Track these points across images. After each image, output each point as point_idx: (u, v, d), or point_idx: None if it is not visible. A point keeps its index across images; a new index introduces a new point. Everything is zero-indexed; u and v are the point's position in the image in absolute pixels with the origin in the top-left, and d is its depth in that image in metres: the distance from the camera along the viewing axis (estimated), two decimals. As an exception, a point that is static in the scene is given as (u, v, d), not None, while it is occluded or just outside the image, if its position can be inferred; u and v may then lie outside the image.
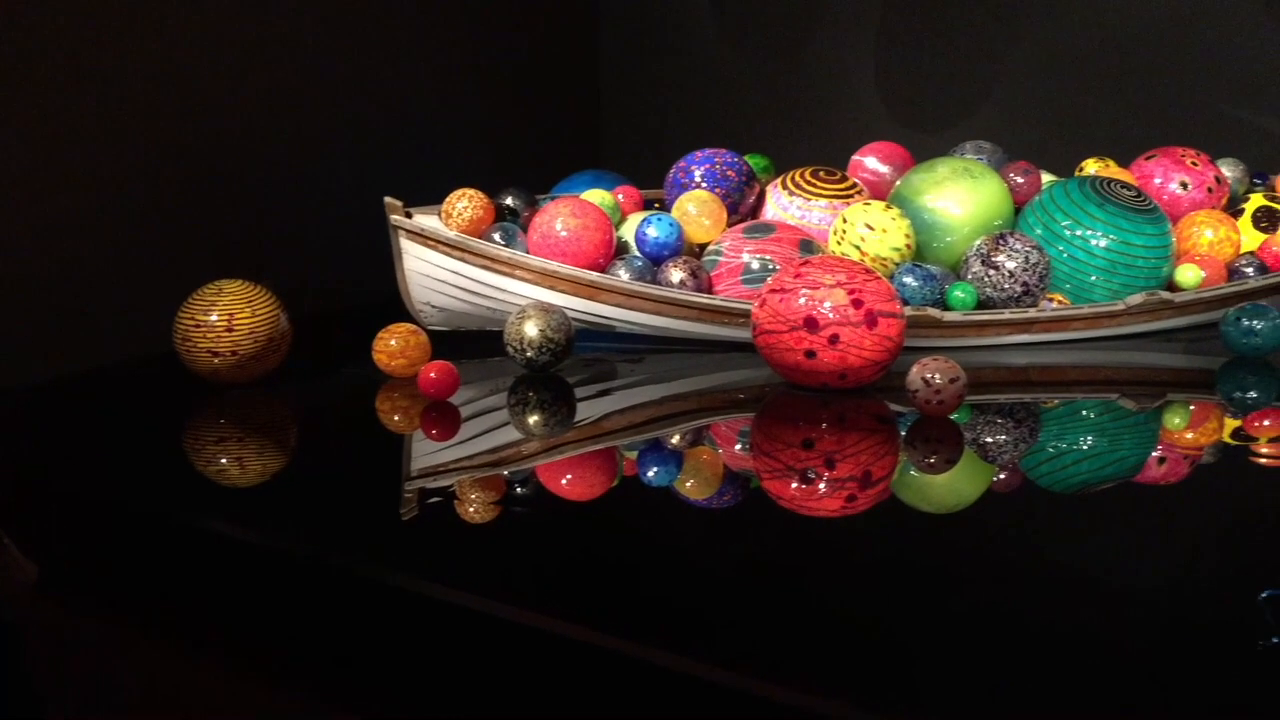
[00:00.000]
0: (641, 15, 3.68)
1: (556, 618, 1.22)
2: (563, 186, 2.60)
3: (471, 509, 1.56)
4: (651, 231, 2.27)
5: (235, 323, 2.00)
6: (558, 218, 2.23)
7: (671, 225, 2.27)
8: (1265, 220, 2.35)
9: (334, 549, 1.44)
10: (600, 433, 1.91)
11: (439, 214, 2.30)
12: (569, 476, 1.73)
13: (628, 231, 2.34)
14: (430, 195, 2.35)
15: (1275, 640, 1.16)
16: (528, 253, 2.24)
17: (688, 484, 1.69)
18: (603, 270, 2.22)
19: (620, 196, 2.43)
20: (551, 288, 2.20)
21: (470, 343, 2.31)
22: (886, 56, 3.41)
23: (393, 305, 2.33)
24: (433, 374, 1.93)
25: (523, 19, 3.26)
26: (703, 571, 1.37)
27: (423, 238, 2.25)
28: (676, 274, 2.19)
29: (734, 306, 2.15)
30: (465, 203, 2.27)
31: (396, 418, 1.99)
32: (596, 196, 2.35)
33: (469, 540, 1.46)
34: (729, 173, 2.40)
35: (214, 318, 2.00)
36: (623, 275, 2.21)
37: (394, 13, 2.82)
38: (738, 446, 1.89)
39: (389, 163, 2.75)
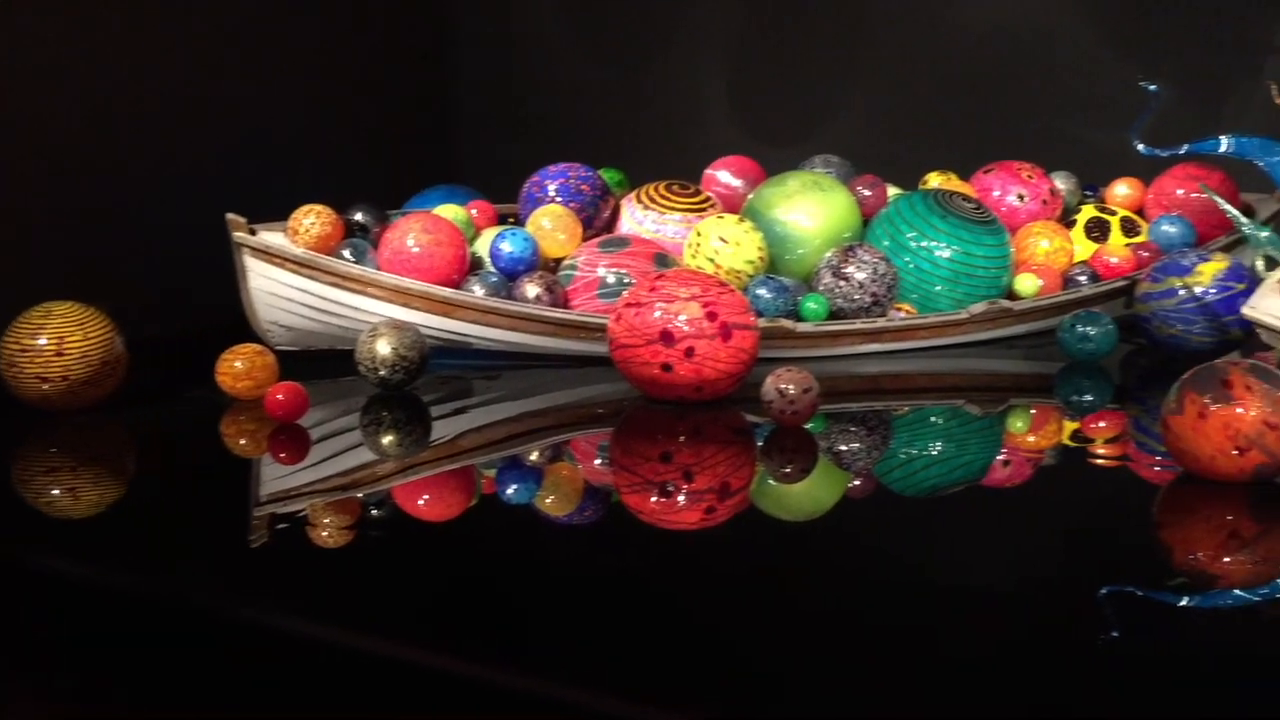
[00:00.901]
0: (495, 30, 3.65)
1: (418, 647, 1.19)
2: (415, 202, 2.55)
3: (325, 534, 1.51)
4: (506, 247, 2.24)
5: (66, 346, 1.90)
6: (410, 233, 2.18)
7: (526, 240, 2.25)
8: (1097, 230, 2.45)
9: (177, 581, 1.37)
10: (457, 451, 1.88)
11: (285, 230, 2.23)
12: (426, 497, 1.70)
13: (482, 247, 2.31)
14: (275, 211, 2.27)
15: (1115, 635, 1.21)
16: (379, 269, 2.19)
17: (548, 500, 1.67)
18: (457, 286, 2.19)
19: (474, 211, 2.40)
20: (404, 305, 2.15)
21: (320, 362, 2.25)
22: (739, 72, 3.46)
23: (238, 325, 2.24)
24: (280, 396, 1.86)
25: (372, 32, 3.20)
26: (564, 589, 1.35)
27: (268, 255, 2.18)
28: (532, 289, 2.17)
29: (590, 321, 2.14)
30: (312, 219, 2.21)
31: (243, 442, 1.91)
32: (450, 212, 2.32)
33: (323, 567, 1.41)
34: (583, 187, 2.39)
35: (43, 341, 1.90)
36: (478, 291, 2.17)
37: (237, 22, 2.73)
38: (597, 461, 1.88)
39: (231, 177, 2.65)
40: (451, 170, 3.28)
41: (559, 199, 2.37)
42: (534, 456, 1.87)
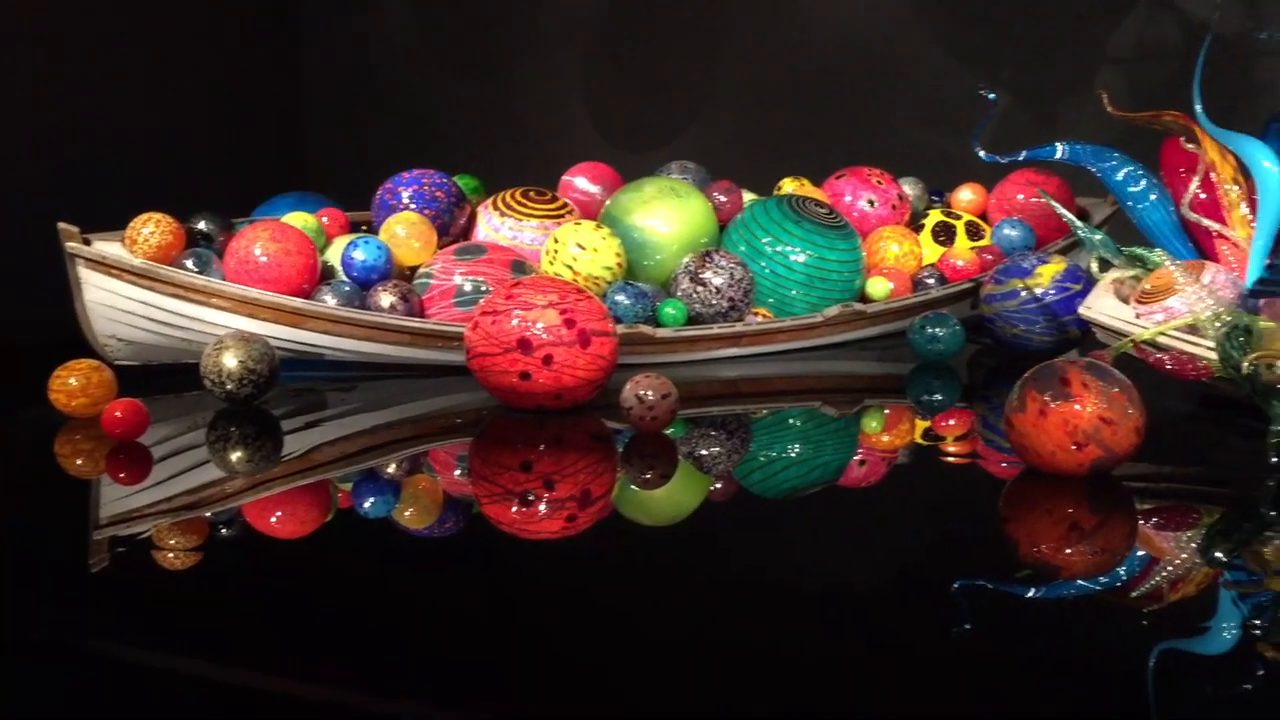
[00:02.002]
0: (347, 33, 3.57)
1: (273, 671, 1.14)
2: (264, 210, 2.48)
3: (170, 556, 1.44)
4: (359, 255, 2.19)
5: (-119, 365, 1.78)
6: (256, 242, 2.12)
7: (380, 248, 2.21)
8: (943, 234, 2.53)
9: (11, 610, 1.29)
10: (310, 466, 1.82)
11: (122, 240, 2.14)
12: (278, 514, 1.64)
13: (334, 256, 2.25)
14: (111, 220, 2.17)
15: (967, 627, 1.24)
16: (224, 280, 2.11)
17: (406, 513, 1.64)
18: (307, 296, 2.13)
19: (325, 219, 2.34)
20: (252, 316, 2.08)
21: (163, 377, 2.16)
22: (595, 79, 3.47)
23: (72, 340, 2.14)
24: (118, 413, 1.78)
25: (219, 32, 3.09)
26: (424, 603, 1.32)
27: (105, 266, 2.08)
28: (386, 298, 2.13)
29: (447, 330, 2.11)
30: (151, 228, 2.12)
31: (79, 462, 1.82)
32: (299, 220, 2.25)
33: (169, 590, 1.34)
34: (438, 194, 2.36)
35: None
36: (330, 301, 2.12)
37: (71, 18, 2.61)
38: (456, 472, 1.85)
39: (63, 184, 2.53)
40: (301, 177, 3.20)
41: (413, 206, 2.33)
42: (391, 469, 1.83)
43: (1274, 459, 1.59)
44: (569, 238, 2.22)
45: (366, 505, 1.65)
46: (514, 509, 1.61)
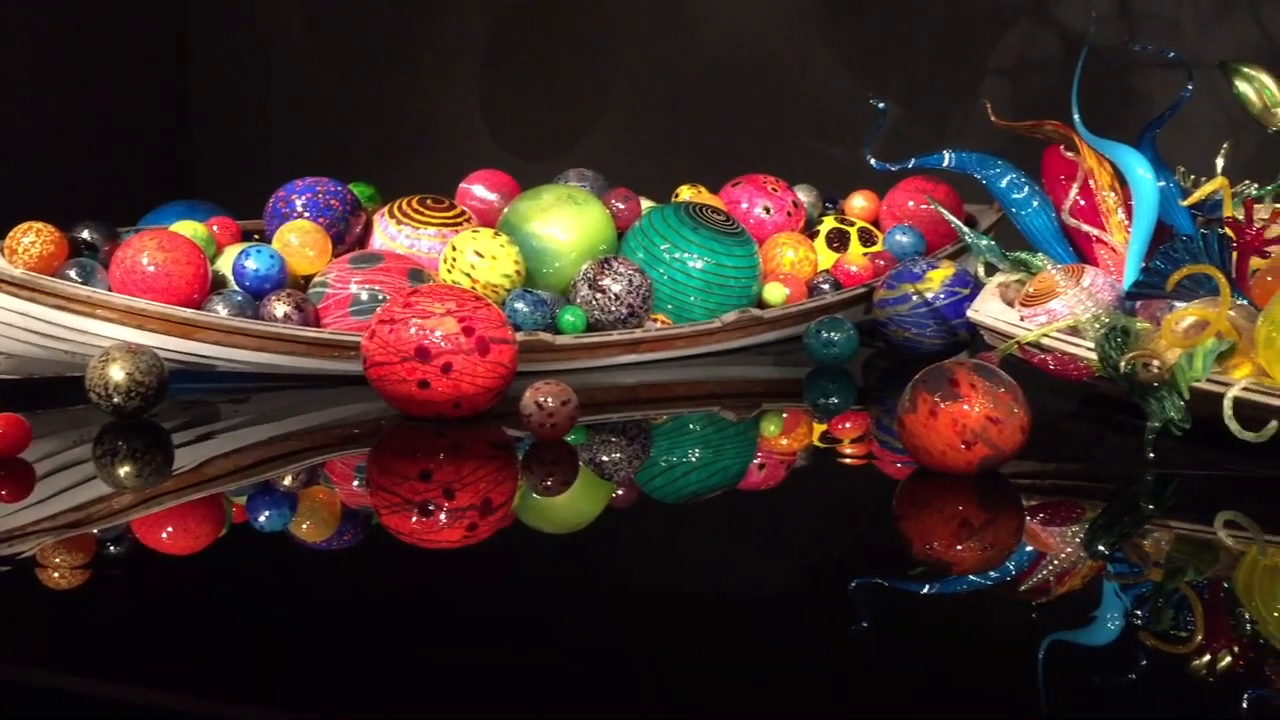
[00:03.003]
0: (238, 37, 3.51)
1: (168, 690, 1.12)
2: (151, 218, 2.42)
3: (56, 575, 1.40)
4: (251, 264, 2.15)
5: None
6: (143, 251, 2.06)
7: (272, 257, 2.17)
8: (837, 241, 2.58)
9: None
10: (203, 480, 1.78)
11: (1, 250, 2.07)
12: (169, 530, 1.60)
13: (225, 265, 2.21)
14: (-11, 229, 2.10)
15: (865, 625, 1.27)
16: (110, 290, 2.06)
17: (304, 526, 1.61)
18: (197, 306, 2.08)
19: (215, 228, 2.29)
20: (139, 327, 2.03)
21: (46, 391, 2.09)
22: (492, 86, 3.46)
23: (-51, 354, 2.06)
24: None
25: (104, 34, 3.00)
26: (320, 616, 1.30)
27: (-17, 277, 2.01)
28: (280, 308, 2.09)
29: (343, 339, 2.08)
30: (32, 237, 2.06)
31: (-44, 481, 1.75)
32: (188, 228, 2.20)
33: (56, 610, 1.30)
34: (332, 202, 2.33)
35: None
36: (221, 311, 2.08)
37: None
38: (355, 483, 1.83)
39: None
40: (190, 184, 3.13)
41: (307, 214, 2.30)
42: (287, 481, 1.79)
43: (1151, 454, 1.65)
44: (467, 246, 2.21)
45: (262, 519, 1.62)
46: (414, 519, 1.60)
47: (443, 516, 1.60)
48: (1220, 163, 2.03)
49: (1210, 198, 1.98)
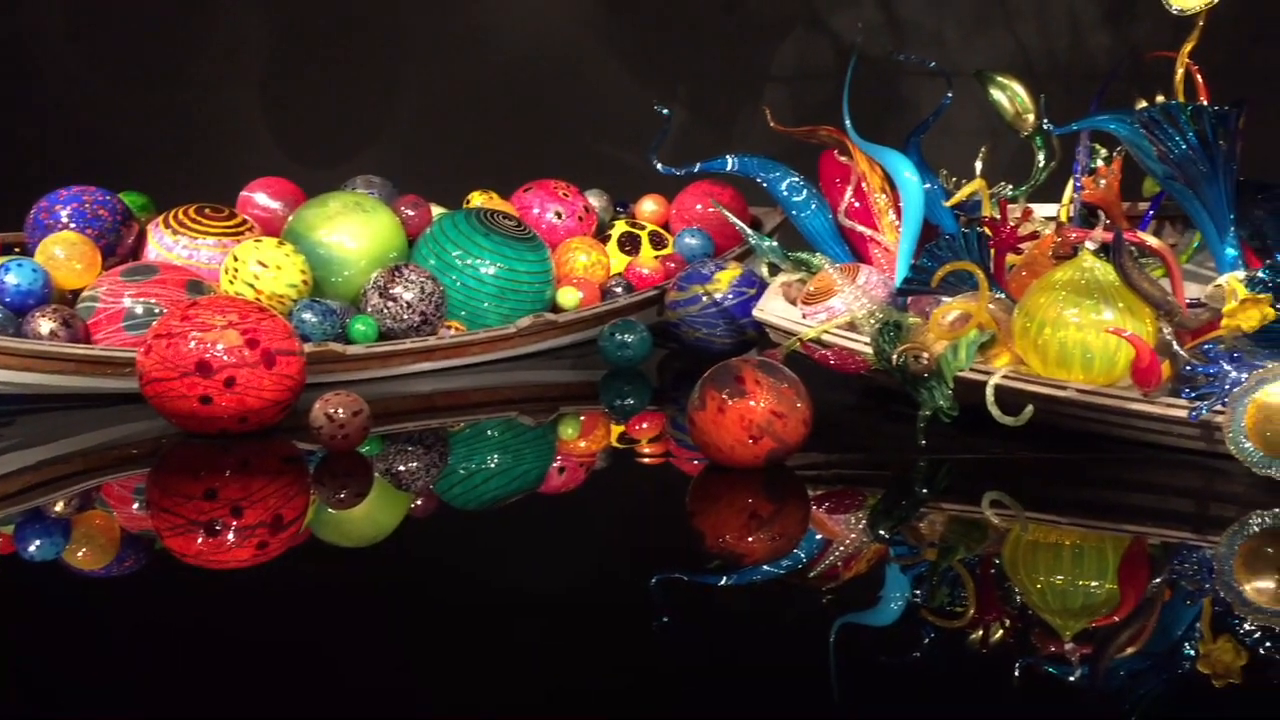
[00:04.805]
0: (-8, 38, 3.28)
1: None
2: (-105, 231, 2.24)
3: None
4: (12, 279, 2.03)
5: None
6: (-112, 267, 1.91)
7: (35, 271, 2.05)
8: (629, 244, 2.62)
9: None
10: (-36, 510, 1.66)
11: None
12: (-75, 566, 1.49)
13: (-18, 280, 2.07)
14: None
15: (666, 620, 1.30)
16: None
17: (79, 554, 1.53)
18: (-47, 325, 1.94)
19: (-30, 241, 2.15)
20: (-112, 349, 1.88)
21: None
22: (274, 90, 3.35)
23: None
24: None
25: None
26: (100, 646, 1.24)
27: None
28: (46, 324, 1.98)
29: (116, 356, 1.98)
30: None
31: None
32: (-61, 242, 2.06)
33: None
34: (101, 212, 2.22)
35: None
36: (-21, 330, 1.94)
37: None
38: (134, 506, 1.74)
39: None
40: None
41: (73, 225, 2.18)
42: (60, 507, 1.70)
43: (923, 441, 1.75)
44: (249, 256, 2.15)
45: (32, 548, 1.53)
46: (200, 539, 1.54)
47: (231, 535, 1.55)
48: (979, 165, 2.16)
49: (970, 198, 2.10)
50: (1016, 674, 1.18)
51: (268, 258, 2.15)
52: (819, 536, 1.57)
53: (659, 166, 2.25)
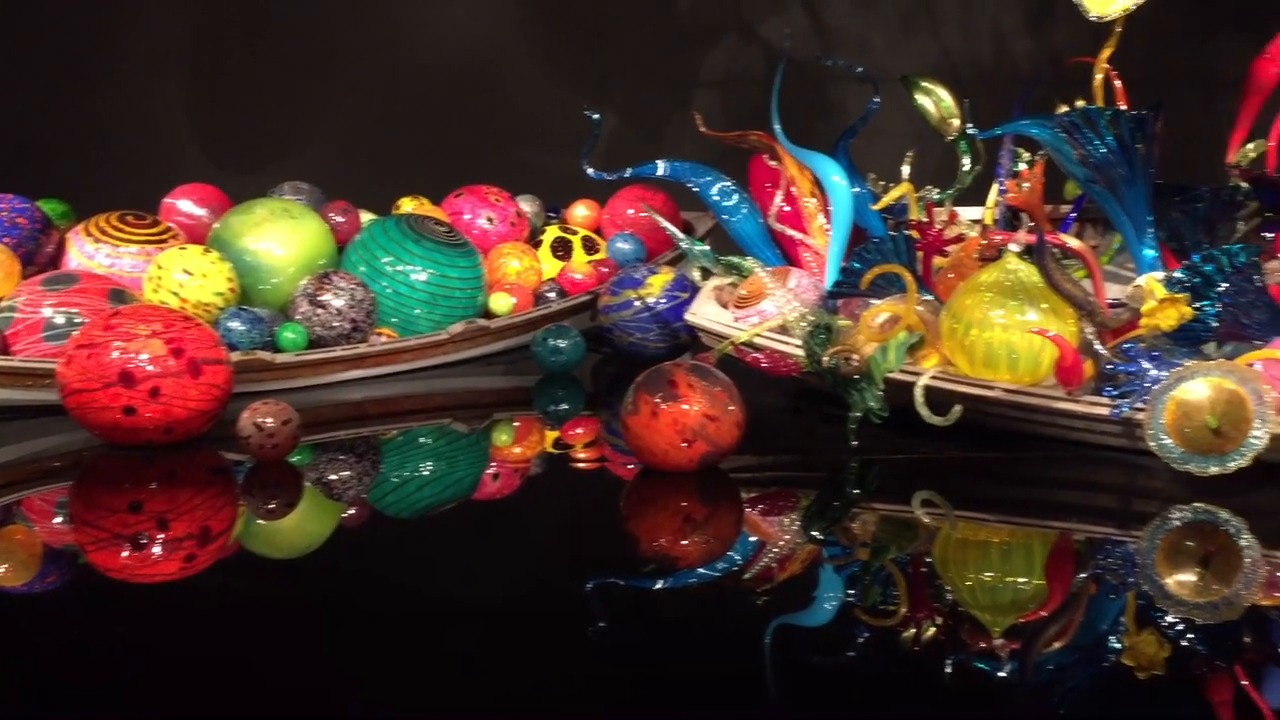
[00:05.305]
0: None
1: None
2: None
3: None
4: (-75, 289, 1.97)
5: None
6: None
7: (-49, 281, 1.99)
8: (561, 250, 2.61)
9: None
10: (-127, 529, 1.62)
11: None
12: None
13: (-106, 291, 2.01)
14: None
15: (603, 625, 1.30)
16: None
17: (0, 571, 1.49)
18: None
19: (-119, 250, 2.09)
20: None
21: None
22: (198, 95, 3.30)
23: None
24: None
25: None
26: (22, 666, 1.21)
27: None
28: (-38, 336, 1.92)
29: (36, 367, 1.94)
30: None
31: None
32: None
33: None
34: (19, 220, 2.17)
35: None
36: (-109, 342, 1.89)
37: None
38: (57, 520, 1.70)
39: None
40: None
41: (-10, 234, 2.13)
42: (-22, 523, 1.66)
43: (854, 442, 1.77)
44: (174, 264, 2.11)
45: (-52, 567, 1.49)
46: (125, 553, 1.51)
47: (157, 549, 1.52)
48: (906, 169, 2.20)
49: (898, 202, 2.13)
50: (948, 671, 1.20)
51: (193, 265, 2.12)
52: (753, 538, 1.58)
53: (590, 171, 2.25)
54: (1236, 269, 1.66)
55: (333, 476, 1.87)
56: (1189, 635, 1.26)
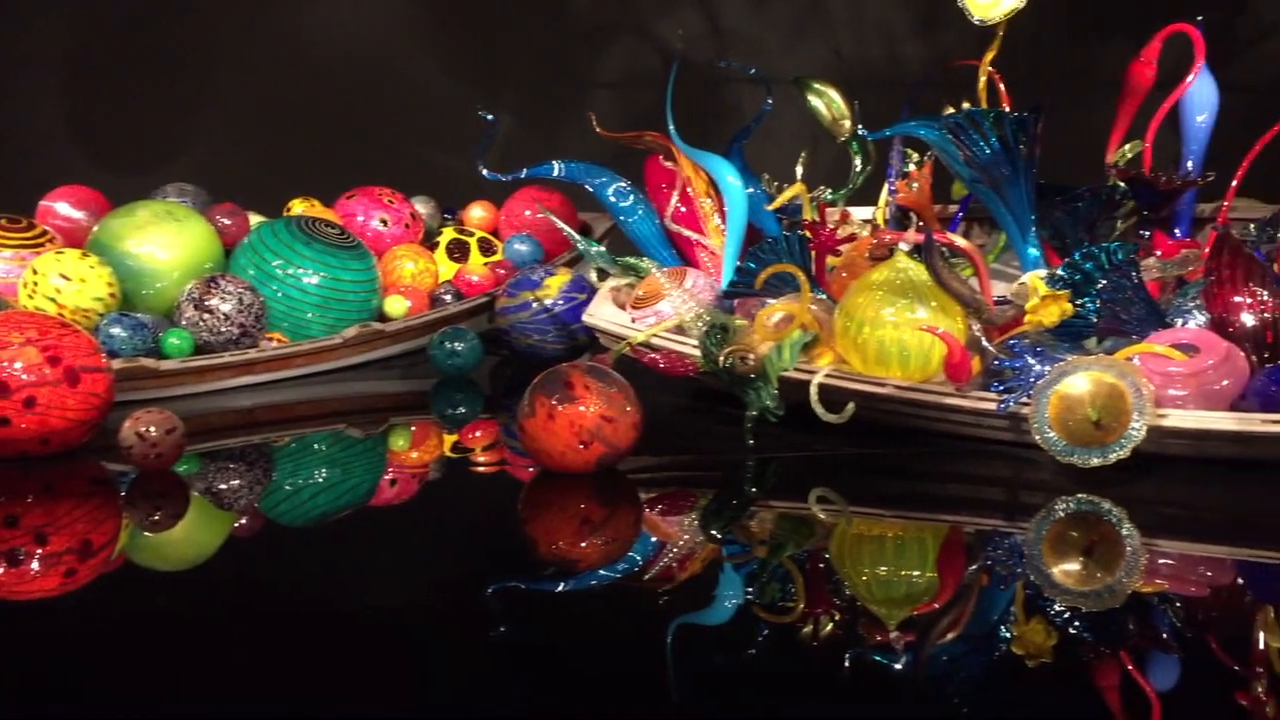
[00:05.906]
0: None
1: None
2: None
3: None
4: None
5: None
6: None
7: None
8: (457, 251, 2.59)
9: None
10: None
11: None
12: None
13: None
14: None
15: (503, 629, 1.29)
16: None
17: None
18: None
19: None
20: None
21: None
22: (76, 94, 3.20)
23: None
24: None
25: None
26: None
27: None
28: None
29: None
30: None
31: None
32: None
33: None
34: (-117, 223, 2.07)
35: None
36: None
37: None
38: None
39: None
40: None
41: None
42: None
43: (751, 441, 1.79)
44: (51, 269, 2.04)
45: None
46: (0, 570, 1.45)
47: (35, 564, 1.47)
48: (799, 170, 2.22)
49: (791, 202, 2.16)
50: (847, 665, 1.21)
51: (71, 270, 2.05)
52: (653, 539, 1.58)
53: (485, 172, 2.23)
54: (1115, 266, 1.72)
55: (222, 485, 1.83)
56: (1075, 623, 1.30)
